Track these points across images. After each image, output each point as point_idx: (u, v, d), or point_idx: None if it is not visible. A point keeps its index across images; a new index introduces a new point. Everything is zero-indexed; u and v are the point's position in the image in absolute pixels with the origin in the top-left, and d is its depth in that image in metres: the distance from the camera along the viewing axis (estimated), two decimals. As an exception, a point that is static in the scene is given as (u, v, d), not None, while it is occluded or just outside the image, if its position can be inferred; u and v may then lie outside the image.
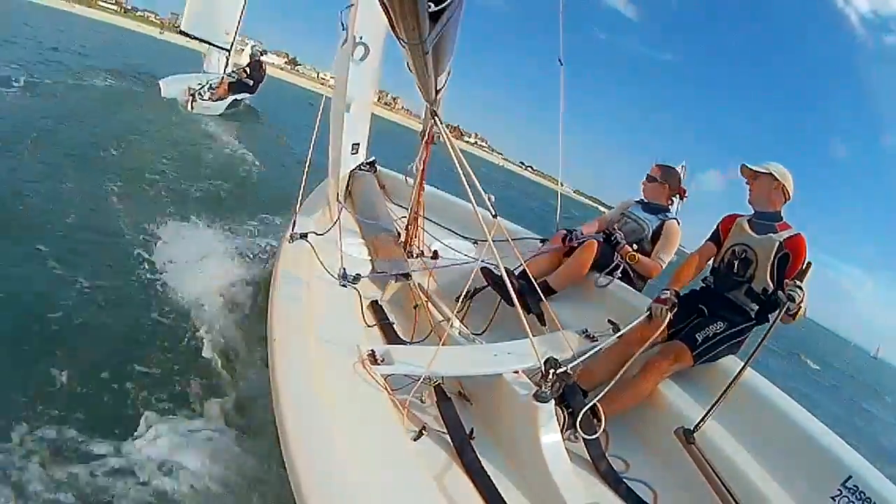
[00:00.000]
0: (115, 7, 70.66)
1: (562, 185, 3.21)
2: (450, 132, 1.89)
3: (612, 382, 1.87)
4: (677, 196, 2.71)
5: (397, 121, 54.60)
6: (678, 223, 2.64)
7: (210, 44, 10.35)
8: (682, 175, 2.75)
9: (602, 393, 1.81)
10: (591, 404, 1.80)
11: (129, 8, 74.59)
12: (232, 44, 10.32)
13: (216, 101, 9.34)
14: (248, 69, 10.21)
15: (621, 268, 2.56)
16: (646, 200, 2.76)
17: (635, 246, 2.60)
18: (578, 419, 1.71)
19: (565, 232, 2.76)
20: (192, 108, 8.87)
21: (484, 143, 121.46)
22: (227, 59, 10.37)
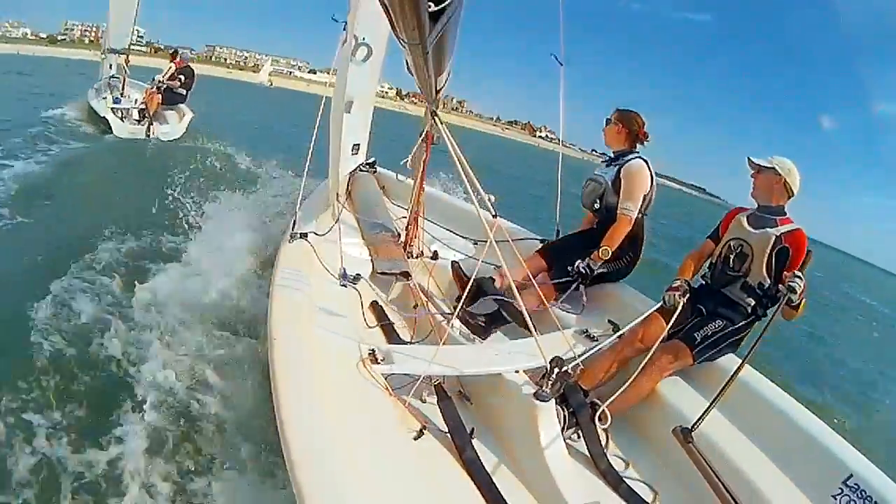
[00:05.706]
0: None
1: (561, 185, 3.19)
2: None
3: (612, 382, 1.87)
4: (639, 141, 2.51)
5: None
6: (644, 162, 2.43)
7: (117, 52, 9.17)
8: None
9: (602, 393, 1.81)
10: (590, 403, 1.80)
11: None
12: (129, 45, 9.15)
13: (152, 118, 7.79)
14: (181, 77, 8.17)
15: (592, 272, 2.41)
16: (612, 155, 2.57)
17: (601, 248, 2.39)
18: (578, 419, 1.71)
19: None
20: (151, 133, 7.58)
21: (461, 107, 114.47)
22: (126, 62, 8.97)
